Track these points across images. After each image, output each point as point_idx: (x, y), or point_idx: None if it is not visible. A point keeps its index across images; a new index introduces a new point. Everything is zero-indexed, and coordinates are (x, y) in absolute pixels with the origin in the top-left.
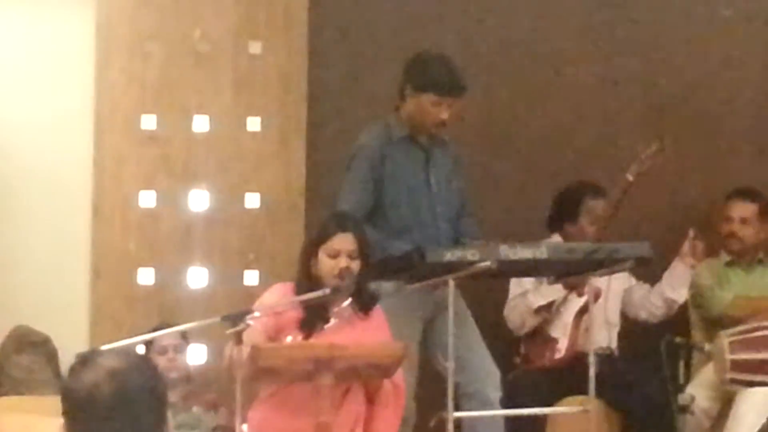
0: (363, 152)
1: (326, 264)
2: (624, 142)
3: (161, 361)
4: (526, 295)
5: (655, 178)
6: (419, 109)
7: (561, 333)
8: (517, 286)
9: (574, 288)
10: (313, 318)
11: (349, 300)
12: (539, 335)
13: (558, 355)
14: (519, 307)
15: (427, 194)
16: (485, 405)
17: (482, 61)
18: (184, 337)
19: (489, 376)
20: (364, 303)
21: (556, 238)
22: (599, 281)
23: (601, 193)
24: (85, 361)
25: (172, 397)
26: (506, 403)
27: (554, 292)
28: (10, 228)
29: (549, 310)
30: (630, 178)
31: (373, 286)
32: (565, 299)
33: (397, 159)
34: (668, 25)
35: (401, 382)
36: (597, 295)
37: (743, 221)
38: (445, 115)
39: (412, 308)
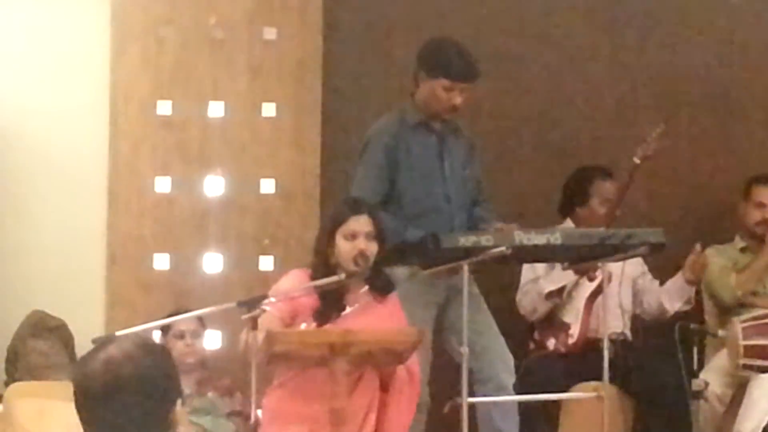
0: (377, 139)
1: (344, 247)
2: (637, 126)
3: (178, 346)
4: (538, 281)
5: (669, 163)
6: (432, 95)
7: (573, 318)
8: (530, 271)
9: (585, 272)
10: (327, 307)
11: (366, 287)
12: (552, 321)
13: (571, 341)
14: (531, 293)
15: (441, 180)
16: (499, 390)
17: (495, 46)
18: (201, 322)
19: (503, 361)
20: (381, 287)
21: (568, 224)
22: (612, 265)
23: (610, 175)
24: (94, 349)
25: (188, 382)
26: (520, 389)
27: (565, 277)
28: (26, 214)
29: (560, 296)
30: (637, 161)
31: (387, 272)
32: (576, 284)
33: (411, 145)
34: (680, 9)
35: (416, 368)
36: (608, 278)
37: None
38: (458, 100)
39: (426, 294)
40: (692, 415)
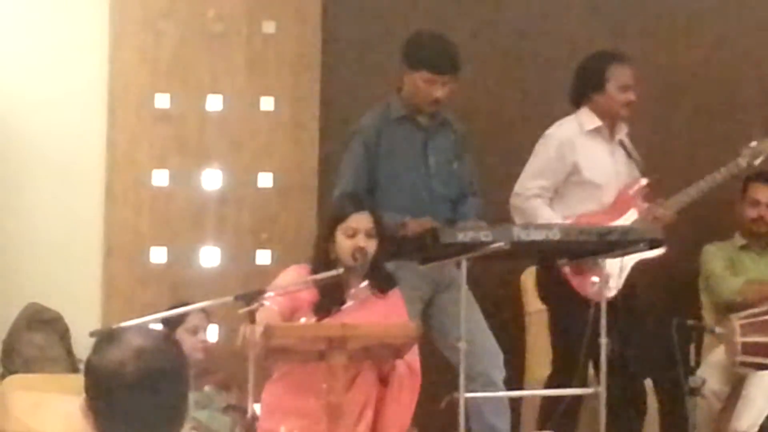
0: (359, 133)
1: (344, 243)
2: (635, 121)
3: (191, 341)
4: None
5: (667, 159)
6: (414, 87)
7: (616, 270)
8: (540, 177)
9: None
10: (326, 301)
11: (366, 282)
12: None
13: (609, 294)
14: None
15: (425, 174)
16: (489, 386)
17: (494, 40)
18: (208, 317)
19: (492, 357)
20: (381, 283)
21: (585, 112)
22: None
23: (626, 59)
24: (110, 338)
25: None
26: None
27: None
28: (23, 207)
29: None
30: (743, 163)
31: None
32: None
33: (394, 139)
34: (680, 6)
35: (416, 364)
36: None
37: None
38: (438, 93)
39: (412, 287)
40: (689, 412)
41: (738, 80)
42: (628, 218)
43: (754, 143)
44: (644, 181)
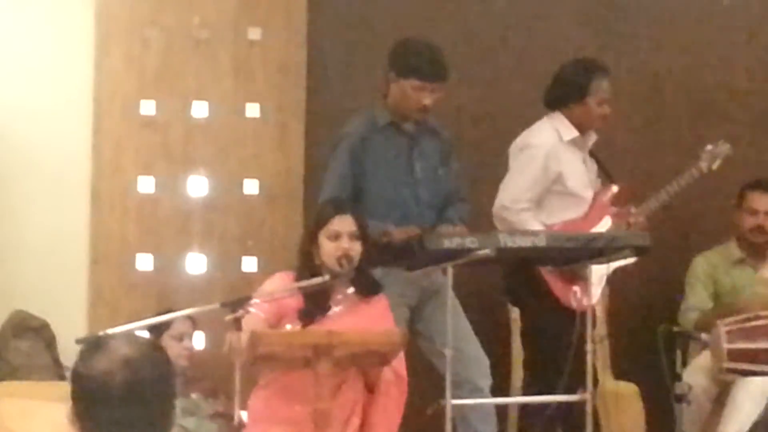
0: (344, 141)
1: (328, 247)
2: (623, 129)
3: (176, 348)
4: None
5: (653, 166)
6: (402, 95)
7: (596, 280)
8: (529, 190)
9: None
10: (312, 307)
11: (352, 288)
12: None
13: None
14: (511, 221)
15: (411, 181)
16: (474, 393)
17: (482, 49)
18: (193, 323)
19: (478, 364)
20: (366, 288)
21: (558, 117)
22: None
23: (608, 72)
24: (97, 346)
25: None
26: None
27: None
28: (9, 213)
29: None
30: (704, 168)
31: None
32: None
33: (379, 146)
34: (668, 12)
35: (403, 371)
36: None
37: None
38: (427, 100)
39: (399, 294)
40: (676, 419)
41: (712, 85)
42: (603, 226)
43: (709, 147)
44: (616, 188)
